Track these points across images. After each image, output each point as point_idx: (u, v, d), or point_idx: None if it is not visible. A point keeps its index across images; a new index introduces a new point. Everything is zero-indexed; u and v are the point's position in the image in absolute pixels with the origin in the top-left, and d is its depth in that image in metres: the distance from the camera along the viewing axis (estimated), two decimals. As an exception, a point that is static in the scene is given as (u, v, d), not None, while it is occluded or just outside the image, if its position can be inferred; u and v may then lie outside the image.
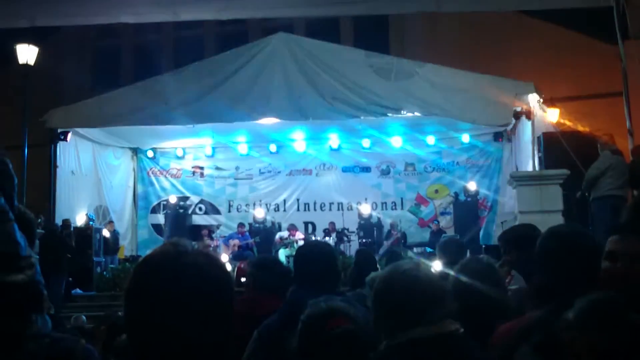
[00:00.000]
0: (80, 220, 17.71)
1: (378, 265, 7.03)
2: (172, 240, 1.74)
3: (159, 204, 21.74)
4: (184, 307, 1.60)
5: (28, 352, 1.79)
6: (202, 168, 21.90)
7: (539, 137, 14.48)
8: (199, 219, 21.36)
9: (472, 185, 19.15)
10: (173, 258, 1.67)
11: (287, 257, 16.88)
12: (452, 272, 3.57)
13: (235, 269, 13.37)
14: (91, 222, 17.89)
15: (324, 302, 2.67)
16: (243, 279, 5.39)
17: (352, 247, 17.88)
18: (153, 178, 21.99)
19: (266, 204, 21.30)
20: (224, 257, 16.47)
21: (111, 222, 19.42)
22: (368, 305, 2.86)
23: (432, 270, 3.01)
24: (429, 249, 16.92)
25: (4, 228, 1.87)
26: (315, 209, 21.33)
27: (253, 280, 4.75)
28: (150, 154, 21.79)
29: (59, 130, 17.45)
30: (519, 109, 15.39)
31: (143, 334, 1.63)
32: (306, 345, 2.54)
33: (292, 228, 18.80)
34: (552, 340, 2.58)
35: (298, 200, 21.46)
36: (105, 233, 18.40)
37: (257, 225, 19.87)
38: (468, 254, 6.09)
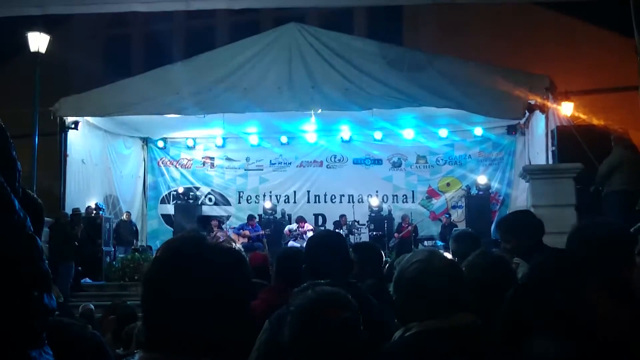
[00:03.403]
0: (90, 209, 17.69)
1: (388, 258, 6.95)
2: (192, 230, 1.79)
3: (169, 194, 21.72)
4: (204, 294, 1.63)
5: (30, 328, 1.72)
6: (212, 159, 21.86)
7: (552, 131, 14.38)
8: (208, 210, 21.34)
9: (484, 179, 19.05)
10: (195, 245, 1.71)
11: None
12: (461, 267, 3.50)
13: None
14: (101, 212, 17.87)
15: (311, 290, 2.57)
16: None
17: (362, 239, 17.79)
18: (163, 168, 21.98)
19: (276, 196, 21.26)
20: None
21: (128, 212, 19.48)
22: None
23: (449, 260, 2.92)
24: (439, 243, 16.86)
25: None
26: (325, 201, 21.26)
27: (277, 271, 4.74)
28: (160, 144, 21.77)
29: (70, 119, 17.45)
30: (533, 102, 15.29)
31: (162, 319, 1.65)
32: (301, 337, 2.43)
33: (301, 220, 18.77)
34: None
35: (308, 192, 21.38)
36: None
37: (266, 216, 19.84)
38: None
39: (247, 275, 1.78)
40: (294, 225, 18.93)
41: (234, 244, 1.81)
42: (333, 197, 21.23)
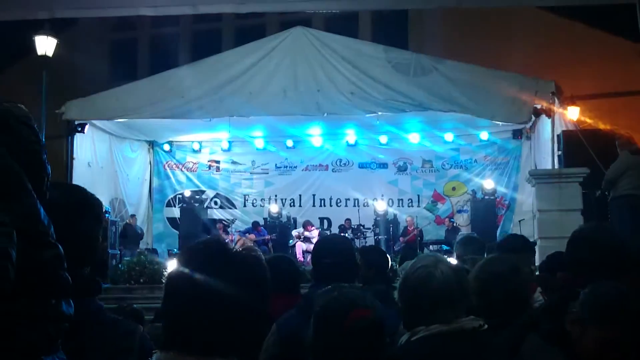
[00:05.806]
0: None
1: (394, 262, 6.95)
2: (214, 235, 1.84)
3: (174, 197, 21.74)
4: (225, 297, 1.66)
5: (46, 335, 1.75)
6: (218, 162, 21.88)
7: (558, 135, 14.35)
8: (214, 213, 21.34)
9: (489, 183, 19.00)
10: (218, 250, 1.76)
11: (304, 252, 16.94)
12: (474, 269, 3.50)
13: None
14: (107, 215, 17.88)
15: (337, 292, 2.59)
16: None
17: (367, 243, 17.78)
18: (169, 171, 22.01)
19: (281, 199, 21.27)
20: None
21: (133, 215, 19.51)
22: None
23: (453, 265, 2.92)
24: (445, 247, 16.84)
25: (25, 202, 1.79)
26: (331, 205, 21.26)
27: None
28: (166, 147, 21.81)
29: (76, 122, 17.45)
30: (538, 107, 15.28)
31: (182, 320, 1.68)
32: (324, 338, 2.44)
33: (308, 224, 18.77)
34: (561, 329, 2.62)
35: (314, 195, 21.38)
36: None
37: (272, 220, 19.83)
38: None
39: (267, 280, 1.81)
40: (300, 229, 18.93)
41: (255, 250, 1.85)
42: (338, 201, 21.23)
